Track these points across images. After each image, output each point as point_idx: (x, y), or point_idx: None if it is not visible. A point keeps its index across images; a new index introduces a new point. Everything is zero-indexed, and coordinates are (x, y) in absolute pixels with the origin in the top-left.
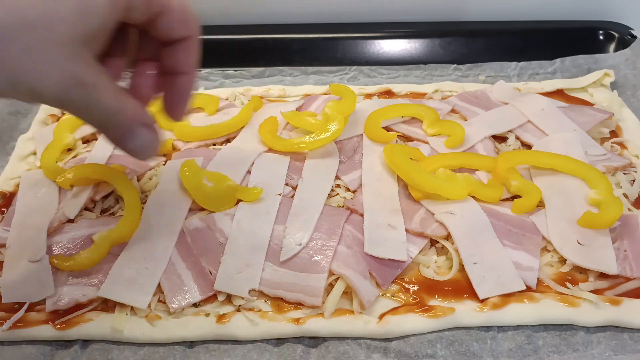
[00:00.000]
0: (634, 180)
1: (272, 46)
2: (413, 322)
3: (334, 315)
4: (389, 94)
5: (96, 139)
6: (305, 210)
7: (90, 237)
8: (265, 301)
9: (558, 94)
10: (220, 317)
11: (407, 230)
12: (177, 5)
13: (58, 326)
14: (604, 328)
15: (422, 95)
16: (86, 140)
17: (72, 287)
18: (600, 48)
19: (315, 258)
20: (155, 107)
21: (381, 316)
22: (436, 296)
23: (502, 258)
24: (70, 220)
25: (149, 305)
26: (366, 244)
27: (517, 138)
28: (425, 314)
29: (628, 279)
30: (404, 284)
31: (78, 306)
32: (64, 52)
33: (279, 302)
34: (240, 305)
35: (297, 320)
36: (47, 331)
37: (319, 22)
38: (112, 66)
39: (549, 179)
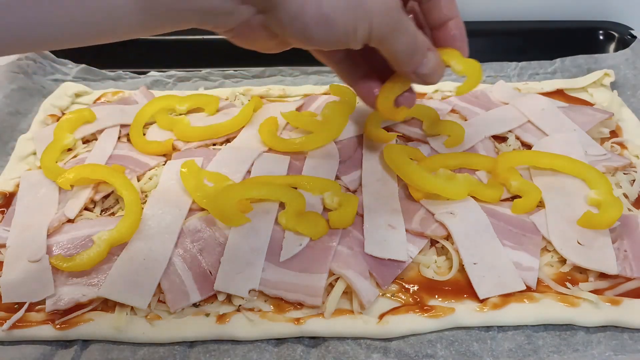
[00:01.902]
0: (634, 180)
1: None
2: (413, 322)
3: (334, 315)
4: None
5: (96, 139)
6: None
7: (90, 237)
8: (265, 301)
9: (558, 94)
10: (220, 317)
11: (407, 230)
12: None
13: (58, 326)
14: (604, 328)
15: (422, 95)
16: (86, 140)
17: (72, 287)
18: (600, 48)
19: (315, 258)
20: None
21: (381, 316)
22: (436, 296)
23: (502, 258)
24: (70, 220)
25: (149, 305)
26: (366, 244)
27: (517, 138)
28: (425, 314)
29: (628, 279)
30: (404, 284)
31: (78, 306)
32: None
33: (279, 302)
34: (240, 305)
35: (297, 320)
36: (47, 331)
37: None
38: None
39: (549, 179)
